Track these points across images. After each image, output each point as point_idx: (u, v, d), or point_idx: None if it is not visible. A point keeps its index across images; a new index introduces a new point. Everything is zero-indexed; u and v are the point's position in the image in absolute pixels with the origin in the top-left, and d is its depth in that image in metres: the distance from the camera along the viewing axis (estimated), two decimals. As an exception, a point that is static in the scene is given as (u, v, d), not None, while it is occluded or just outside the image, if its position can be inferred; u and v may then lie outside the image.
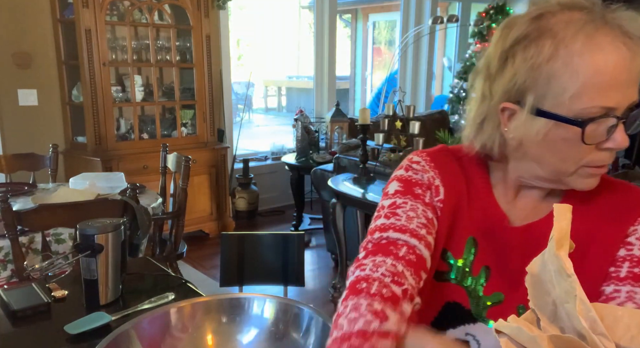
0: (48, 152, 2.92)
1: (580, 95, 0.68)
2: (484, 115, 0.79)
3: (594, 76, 0.67)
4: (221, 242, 1.81)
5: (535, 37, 0.70)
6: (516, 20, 0.73)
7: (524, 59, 0.71)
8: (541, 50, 0.69)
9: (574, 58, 0.67)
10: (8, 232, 1.72)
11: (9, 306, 1.15)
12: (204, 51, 3.77)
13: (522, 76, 0.71)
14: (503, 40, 0.73)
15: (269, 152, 4.98)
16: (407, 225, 0.78)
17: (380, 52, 8.98)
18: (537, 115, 0.72)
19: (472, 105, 0.81)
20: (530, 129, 0.73)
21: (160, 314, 0.87)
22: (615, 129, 0.70)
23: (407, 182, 0.85)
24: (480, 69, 0.78)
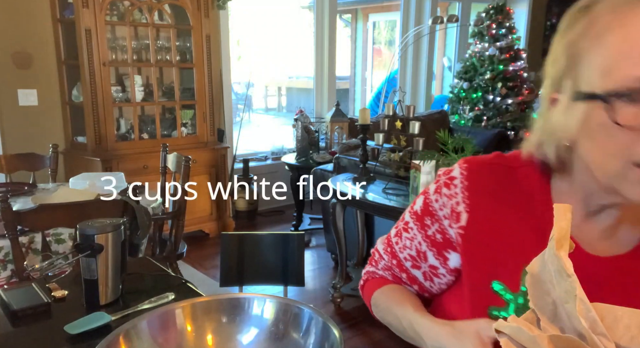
0: (48, 152, 2.92)
1: (612, 70, 0.59)
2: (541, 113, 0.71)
3: (623, 45, 0.58)
4: (221, 242, 1.81)
5: (575, 20, 0.65)
6: (592, 7, 0.64)
7: (561, 41, 0.66)
8: (575, 30, 0.64)
9: (604, 32, 0.60)
10: (8, 232, 1.72)
11: (9, 306, 1.15)
12: (204, 51, 3.77)
13: (560, 60, 0.65)
14: (570, 30, 0.66)
15: (269, 152, 4.98)
16: (397, 253, 0.89)
17: (380, 52, 8.98)
18: (575, 100, 0.63)
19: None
20: (571, 118, 0.64)
21: (160, 314, 0.86)
22: None
23: (426, 207, 0.82)
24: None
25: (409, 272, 0.87)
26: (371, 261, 0.94)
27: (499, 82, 5.38)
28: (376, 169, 2.91)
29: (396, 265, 0.89)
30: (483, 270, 0.75)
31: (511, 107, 5.41)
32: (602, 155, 0.62)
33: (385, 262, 0.91)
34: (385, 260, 0.91)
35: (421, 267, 0.85)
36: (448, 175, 0.79)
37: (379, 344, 2.61)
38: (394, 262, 0.89)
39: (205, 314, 0.89)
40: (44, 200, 2.16)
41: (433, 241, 0.82)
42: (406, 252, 0.86)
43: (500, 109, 5.42)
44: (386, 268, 0.91)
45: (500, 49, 5.37)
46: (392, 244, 0.89)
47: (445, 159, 2.35)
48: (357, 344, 2.61)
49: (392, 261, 0.89)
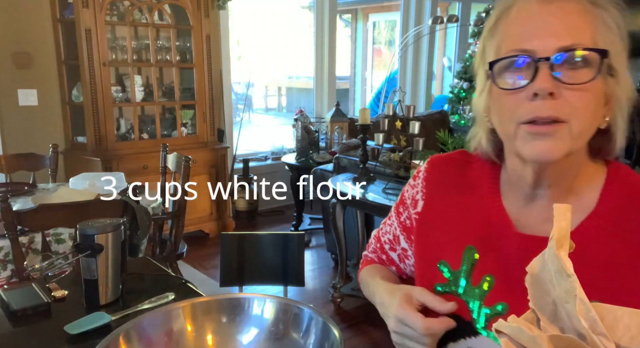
0: (48, 152, 2.92)
1: (500, 48, 0.70)
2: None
3: (506, 29, 0.71)
4: (221, 242, 1.81)
5: (485, 23, 0.77)
6: (493, 8, 0.77)
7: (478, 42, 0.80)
8: (484, 31, 0.76)
9: (496, 24, 0.72)
10: (8, 232, 1.72)
11: (9, 306, 1.15)
12: (204, 51, 3.77)
13: (477, 56, 0.78)
14: (483, 32, 0.78)
15: (269, 152, 4.98)
16: (380, 238, 0.99)
17: (380, 52, 8.98)
18: (484, 82, 0.75)
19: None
20: (481, 102, 0.76)
21: (160, 314, 0.87)
22: (537, 71, 0.65)
23: (401, 197, 0.94)
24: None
25: (388, 254, 0.97)
26: (368, 246, 1.04)
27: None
28: (376, 169, 2.92)
29: (379, 248, 0.99)
30: (431, 250, 0.84)
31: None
32: (500, 121, 0.72)
33: (373, 246, 1.01)
34: (373, 244, 1.01)
35: (396, 249, 0.95)
36: (418, 171, 0.92)
37: (379, 344, 2.60)
38: (378, 246, 0.99)
39: (205, 314, 0.89)
40: (44, 200, 2.16)
41: (404, 226, 0.92)
42: (386, 237, 0.96)
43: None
44: (374, 251, 1.01)
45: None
46: (379, 230, 1.00)
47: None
48: (357, 344, 2.61)
49: (377, 245, 0.99)
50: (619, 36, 0.69)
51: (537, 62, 0.65)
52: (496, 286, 0.75)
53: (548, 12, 0.67)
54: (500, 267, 0.76)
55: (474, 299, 0.77)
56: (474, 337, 0.76)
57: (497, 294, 0.75)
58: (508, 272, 0.74)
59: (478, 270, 0.77)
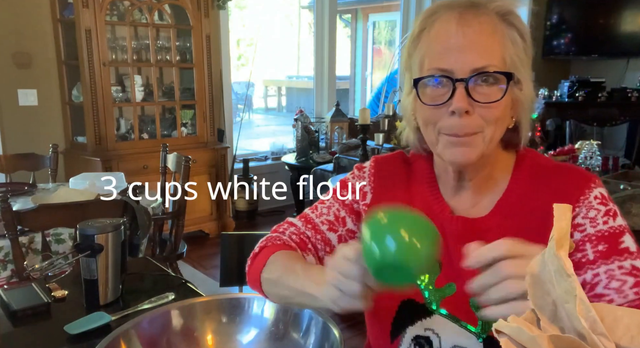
0: (48, 152, 2.92)
1: (423, 63, 0.78)
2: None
3: (427, 46, 0.78)
4: (221, 242, 1.81)
5: (410, 34, 0.83)
6: (417, 18, 0.83)
7: (403, 51, 0.85)
8: (408, 41, 0.82)
9: (418, 38, 0.79)
10: (8, 232, 1.72)
11: (9, 306, 1.15)
12: (204, 51, 3.77)
13: (402, 64, 0.85)
14: (409, 37, 0.84)
15: (269, 152, 4.98)
16: (314, 219, 0.96)
17: (380, 52, 8.98)
18: (410, 90, 0.83)
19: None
20: (410, 103, 0.84)
21: (160, 314, 0.87)
22: (455, 91, 0.74)
23: (343, 184, 0.98)
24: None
25: (324, 234, 0.95)
26: (275, 230, 0.97)
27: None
28: (376, 169, 2.91)
29: (311, 228, 0.95)
30: None
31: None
32: (423, 128, 0.81)
33: (295, 229, 0.95)
34: (297, 226, 0.96)
35: (338, 230, 0.95)
36: (359, 167, 0.99)
37: (379, 344, 2.60)
38: (309, 226, 0.95)
39: (205, 314, 0.89)
40: (44, 200, 2.16)
41: (351, 209, 0.95)
42: (323, 217, 0.95)
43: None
44: (294, 234, 0.95)
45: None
46: (307, 214, 0.97)
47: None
48: (357, 344, 2.61)
49: (307, 226, 0.95)
50: (524, 49, 0.78)
51: (455, 82, 0.74)
52: (443, 269, 0.78)
53: (464, 34, 0.74)
54: (443, 249, 0.78)
55: (424, 283, 0.80)
56: (428, 317, 0.85)
57: (444, 276, 0.77)
58: (450, 254, 0.82)
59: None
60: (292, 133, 4.72)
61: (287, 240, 0.92)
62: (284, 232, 0.95)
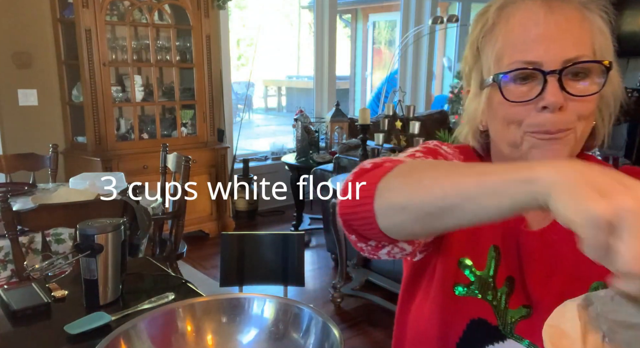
0: (48, 152, 2.92)
1: (501, 57, 0.69)
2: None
3: (507, 36, 0.69)
4: (221, 242, 1.81)
5: (476, 23, 0.74)
6: (487, 9, 0.73)
7: (468, 43, 0.76)
8: (475, 31, 0.74)
9: (494, 28, 0.71)
10: (8, 232, 1.72)
11: (9, 306, 1.15)
12: (204, 51, 3.77)
13: (468, 58, 0.77)
14: (473, 32, 0.76)
15: (269, 152, 4.98)
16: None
17: (380, 52, 8.98)
18: (481, 88, 0.74)
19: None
20: (479, 104, 0.75)
21: (160, 314, 0.86)
22: (546, 84, 0.66)
23: (431, 150, 0.78)
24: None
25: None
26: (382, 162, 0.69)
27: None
28: (376, 169, 2.91)
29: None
30: (451, 246, 0.77)
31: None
32: (504, 128, 0.71)
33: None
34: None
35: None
36: (438, 144, 0.82)
37: (379, 344, 2.61)
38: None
39: (205, 314, 0.89)
40: (44, 200, 2.16)
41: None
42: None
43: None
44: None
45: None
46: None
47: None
48: (357, 344, 2.61)
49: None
50: (610, 40, 0.71)
51: (546, 75, 0.66)
52: (517, 288, 0.73)
53: (555, 23, 0.66)
54: (519, 267, 0.74)
55: (498, 302, 0.73)
56: (501, 342, 0.73)
57: (519, 297, 0.72)
58: (526, 272, 0.73)
59: (501, 272, 0.74)
60: (292, 133, 4.72)
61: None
62: (389, 159, 0.71)
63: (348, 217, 0.64)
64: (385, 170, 0.61)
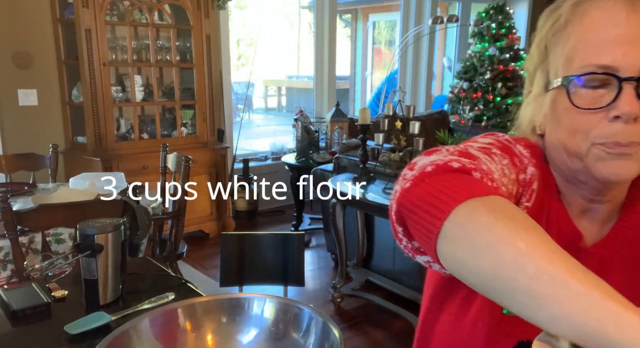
0: (48, 152, 2.92)
1: (573, 58, 0.63)
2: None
3: (581, 35, 0.62)
4: (221, 242, 1.81)
5: (546, 19, 0.68)
6: (560, 5, 0.67)
7: (535, 39, 0.70)
8: (545, 27, 0.68)
9: (567, 25, 0.64)
10: (8, 232, 1.72)
11: (9, 306, 1.15)
12: (204, 51, 3.77)
13: (534, 56, 0.70)
14: (542, 28, 0.69)
15: (269, 152, 4.99)
16: (494, 172, 0.62)
17: (380, 52, 8.98)
18: (545, 89, 0.68)
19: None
20: (542, 106, 0.68)
21: (160, 314, 0.86)
22: (621, 92, 0.59)
23: (507, 147, 0.69)
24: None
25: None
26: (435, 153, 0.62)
27: (499, 82, 5.39)
28: (376, 169, 2.91)
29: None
30: None
31: (511, 107, 5.42)
32: (569, 136, 0.65)
33: (487, 175, 0.59)
34: (490, 174, 0.60)
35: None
36: (513, 141, 0.71)
37: (379, 344, 2.61)
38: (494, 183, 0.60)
39: (205, 314, 0.89)
40: (44, 200, 2.16)
41: (519, 182, 0.68)
42: (505, 181, 0.65)
43: (500, 109, 5.43)
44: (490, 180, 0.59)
45: (500, 49, 5.37)
46: (482, 166, 0.62)
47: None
48: (357, 344, 2.61)
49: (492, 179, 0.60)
50: None
51: (622, 81, 0.60)
52: None
53: (636, 23, 0.60)
54: None
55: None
56: None
57: None
58: None
59: None
60: (292, 133, 4.71)
61: (499, 190, 0.59)
62: (489, 173, 0.59)
63: (405, 213, 0.56)
64: (475, 186, 0.52)
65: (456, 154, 0.60)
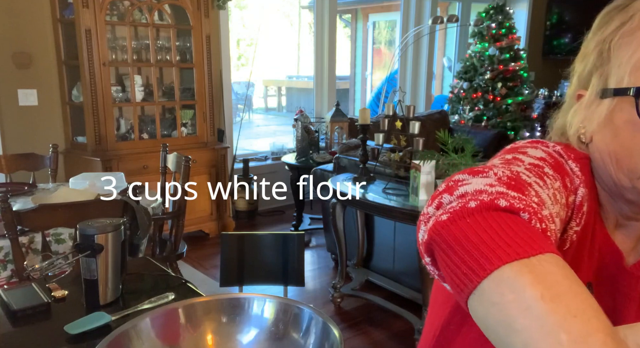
0: (48, 152, 2.92)
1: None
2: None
3: None
4: (221, 242, 1.81)
5: (610, 18, 0.61)
6: (631, 3, 0.60)
7: (593, 39, 0.63)
8: (609, 27, 0.61)
9: (638, 29, 0.57)
10: (8, 232, 1.72)
11: (9, 306, 1.15)
12: (204, 51, 3.77)
13: (590, 57, 0.63)
14: (604, 27, 0.63)
15: (269, 152, 4.99)
16: (552, 200, 0.54)
17: (380, 52, 8.98)
18: (602, 96, 0.60)
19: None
20: (595, 114, 0.61)
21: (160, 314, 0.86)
22: None
23: (559, 165, 0.61)
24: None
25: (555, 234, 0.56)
26: (518, 189, 0.51)
27: (499, 82, 5.39)
28: (376, 169, 2.91)
29: (550, 218, 0.52)
30: None
31: (511, 107, 5.42)
32: (625, 154, 0.58)
33: (547, 210, 0.51)
34: (546, 206, 0.52)
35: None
36: (564, 155, 0.64)
37: (379, 344, 2.61)
38: (548, 213, 0.52)
39: (205, 314, 0.89)
40: (44, 200, 2.16)
41: (569, 205, 0.60)
42: (557, 209, 0.57)
43: (500, 109, 5.43)
44: (547, 220, 0.50)
45: (500, 49, 5.37)
46: (538, 191, 0.53)
47: (445, 159, 2.35)
48: (357, 344, 2.61)
49: (551, 225, 0.51)
50: None
51: None
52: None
53: None
54: (614, 308, 0.65)
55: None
56: None
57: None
58: (620, 312, 0.64)
59: None
60: (292, 133, 4.72)
61: (548, 231, 0.50)
62: (542, 210, 0.50)
63: (437, 249, 0.48)
64: (523, 241, 0.44)
65: (505, 180, 0.51)
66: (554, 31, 6.38)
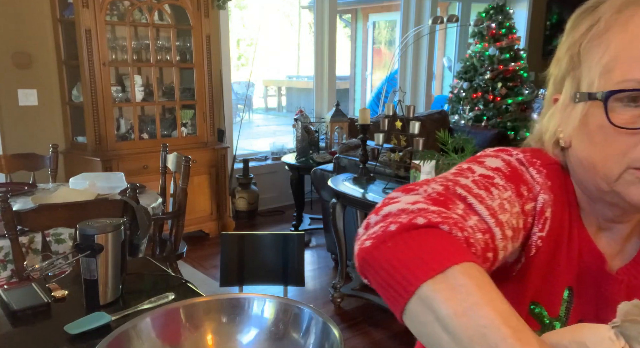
0: (48, 152, 2.92)
1: (613, 69, 0.56)
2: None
3: (624, 45, 0.56)
4: (221, 242, 1.81)
5: (579, 21, 0.62)
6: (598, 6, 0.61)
7: (565, 42, 0.64)
8: (578, 30, 0.61)
9: (606, 32, 0.58)
10: (8, 232, 1.72)
11: (9, 306, 1.15)
12: (204, 51, 3.77)
13: (563, 60, 0.64)
14: (574, 31, 0.63)
15: (269, 152, 4.99)
16: (495, 210, 0.57)
17: (380, 52, 8.98)
18: (575, 100, 0.61)
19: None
20: (569, 119, 0.62)
21: (160, 314, 0.86)
22: None
23: (516, 174, 0.63)
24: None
25: (507, 249, 0.59)
26: (453, 220, 0.52)
27: (499, 82, 5.39)
28: (376, 169, 2.91)
29: (501, 236, 0.57)
30: (525, 288, 0.65)
31: (511, 107, 5.42)
32: (600, 158, 0.59)
33: (482, 224, 0.56)
34: (484, 220, 0.56)
35: (516, 243, 0.65)
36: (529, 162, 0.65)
37: (379, 344, 2.61)
38: (498, 231, 0.56)
39: (205, 314, 0.89)
40: (44, 200, 2.16)
41: (524, 225, 0.62)
42: (508, 217, 0.60)
43: (500, 109, 5.43)
44: (480, 231, 0.54)
45: (500, 49, 5.37)
46: (496, 212, 0.57)
47: (445, 159, 2.35)
48: (357, 344, 2.62)
49: (496, 229, 0.56)
50: None
51: None
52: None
53: None
54: (597, 312, 0.66)
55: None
56: None
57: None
58: (602, 318, 0.64)
59: (574, 316, 0.66)
60: (292, 133, 4.71)
61: (471, 239, 0.52)
62: (465, 221, 0.53)
63: (366, 275, 0.51)
64: (438, 255, 0.46)
65: (433, 196, 0.55)
66: (554, 31, 6.38)
